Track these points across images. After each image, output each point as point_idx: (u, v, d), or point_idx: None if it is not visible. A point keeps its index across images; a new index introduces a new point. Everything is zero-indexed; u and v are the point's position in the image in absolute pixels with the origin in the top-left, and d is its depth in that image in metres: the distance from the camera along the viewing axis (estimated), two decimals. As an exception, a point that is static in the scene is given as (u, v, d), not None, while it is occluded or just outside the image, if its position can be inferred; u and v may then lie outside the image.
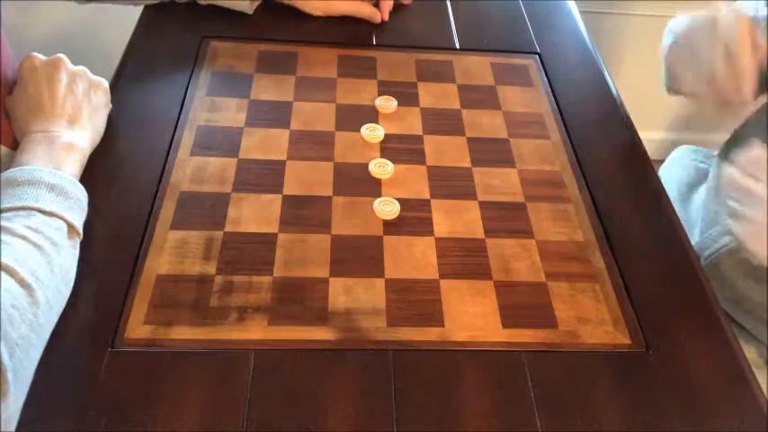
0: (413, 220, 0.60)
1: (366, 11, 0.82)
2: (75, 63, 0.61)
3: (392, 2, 0.83)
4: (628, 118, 0.75)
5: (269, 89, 0.72)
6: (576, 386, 0.49)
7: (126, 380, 0.46)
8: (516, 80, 0.77)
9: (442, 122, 0.71)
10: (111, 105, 0.64)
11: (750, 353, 0.70)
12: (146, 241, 0.55)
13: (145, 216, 0.57)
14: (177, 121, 0.66)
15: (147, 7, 0.80)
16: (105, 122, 0.63)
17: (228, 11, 0.81)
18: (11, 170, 0.49)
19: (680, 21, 0.66)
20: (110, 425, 0.44)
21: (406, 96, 0.73)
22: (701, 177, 0.85)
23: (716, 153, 0.81)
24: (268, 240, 0.56)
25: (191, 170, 0.62)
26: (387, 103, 0.71)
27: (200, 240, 0.56)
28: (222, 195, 0.60)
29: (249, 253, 0.55)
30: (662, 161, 0.96)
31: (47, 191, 0.48)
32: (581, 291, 0.56)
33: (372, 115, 0.70)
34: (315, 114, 0.69)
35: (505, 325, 0.52)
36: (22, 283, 0.42)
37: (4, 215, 0.46)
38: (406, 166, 0.65)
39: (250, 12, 0.81)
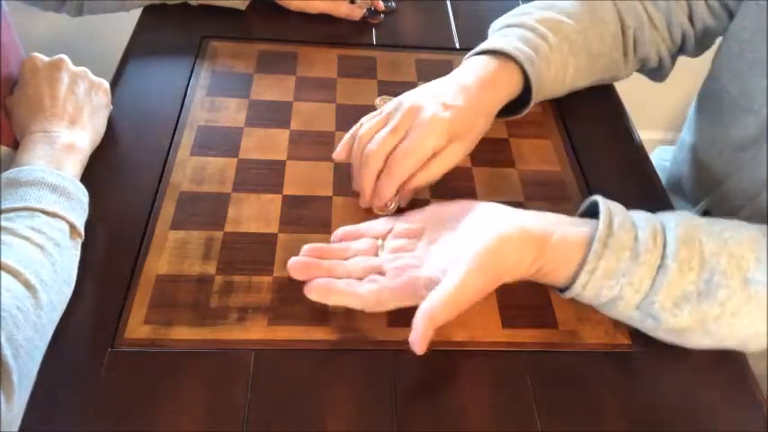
0: (413, 220, 0.60)
1: (343, 10, 0.82)
2: (75, 64, 0.61)
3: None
4: (628, 118, 0.75)
5: (269, 89, 0.72)
6: (576, 386, 0.49)
7: (126, 380, 0.46)
8: (516, 80, 0.77)
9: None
10: (111, 106, 0.64)
11: None
12: (146, 241, 0.55)
13: (145, 216, 0.57)
14: (177, 121, 0.66)
15: (146, 8, 0.80)
16: (105, 123, 0.63)
17: (226, 10, 0.81)
18: (12, 170, 0.49)
19: None
20: (110, 425, 0.44)
21: (406, 96, 0.73)
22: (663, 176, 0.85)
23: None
24: (268, 240, 0.56)
25: (191, 170, 0.62)
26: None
27: (201, 240, 0.56)
28: (222, 195, 0.60)
29: (249, 253, 0.55)
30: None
31: (49, 192, 0.48)
32: (581, 291, 0.55)
33: (372, 115, 0.70)
34: (315, 114, 0.69)
35: (505, 325, 0.52)
36: (26, 285, 0.42)
37: (5, 216, 0.46)
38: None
39: (243, 8, 0.81)
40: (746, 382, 0.51)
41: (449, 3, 0.89)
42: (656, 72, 0.75)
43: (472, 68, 0.63)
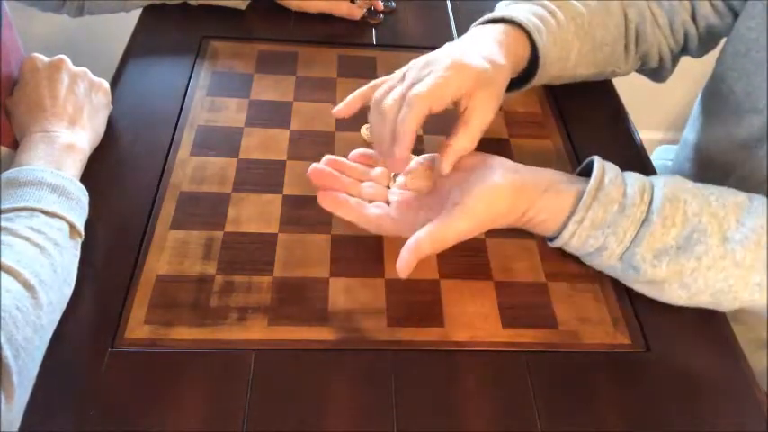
0: (413, 220, 0.59)
1: (343, 9, 0.82)
2: (75, 64, 0.61)
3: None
4: (628, 118, 0.75)
5: (269, 89, 0.72)
6: (576, 386, 0.49)
7: (126, 380, 0.46)
8: (516, 80, 0.77)
9: (442, 122, 0.70)
10: (111, 106, 0.64)
11: None
12: (146, 241, 0.55)
13: (145, 216, 0.57)
14: (177, 121, 0.66)
15: (146, 8, 0.80)
16: (105, 123, 0.63)
17: (226, 10, 0.81)
18: (11, 170, 0.49)
19: None
20: (110, 425, 0.44)
21: (406, 96, 0.73)
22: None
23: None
24: (268, 240, 0.56)
25: (191, 170, 0.62)
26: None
27: (201, 240, 0.56)
28: (222, 195, 0.60)
29: (249, 253, 0.55)
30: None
31: (49, 192, 0.48)
32: (581, 291, 0.56)
33: (372, 115, 0.70)
34: (315, 114, 0.69)
35: (505, 325, 0.52)
36: (26, 285, 0.42)
37: (5, 216, 0.46)
38: (406, 166, 0.65)
39: (243, 8, 0.81)
40: (746, 381, 0.51)
41: (449, 3, 0.89)
42: (657, 72, 0.75)
43: (484, 34, 0.61)
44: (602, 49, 0.68)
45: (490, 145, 0.68)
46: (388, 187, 0.57)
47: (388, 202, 0.56)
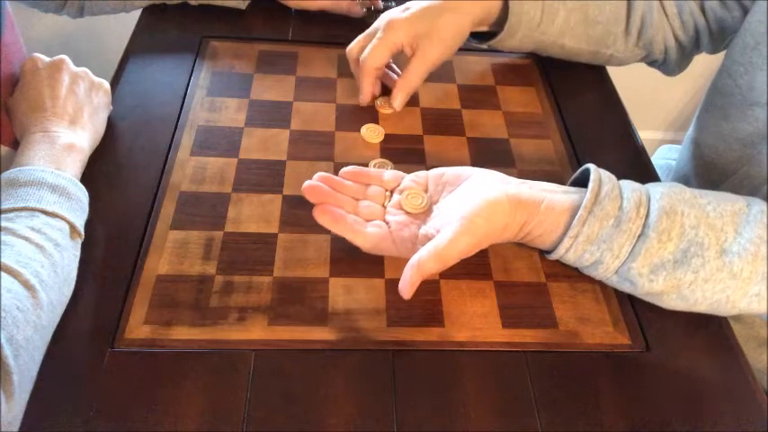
0: (413, 220, 0.60)
1: (344, 6, 0.82)
2: (75, 64, 0.61)
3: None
4: (628, 118, 0.75)
5: (269, 89, 0.72)
6: (576, 386, 0.49)
7: (126, 380, 0.46)
8: (516, 80, 0.77)
9: (442, 122, 0.71)
10: (111, 107, 0.64)
11: None
12: (146, 241, 0.55)
13: (145, 216, 0.57)
14: (177, 121, 0.66)
15: (146, 8, 0.81)
16: (105, 123, 0.63)
17: (226, 10, 0.81)
18: (12, 170, 0.49)
19: None
20: (110, 425, 0.44)
21: (406, 96, 0.73)
22: (670, 174, 0.85)
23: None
24: (268, 240, 0.56)
25: (191, 170, 0.62)
26: (387, 103, 0.71)
27: (200, 240, 0.56)
28: (222, 195, 0.60)
29: (249, 253, 0.55)
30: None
31: (49, 192, 0.48)
32: (581, 291, 0.56)
33: (372, 115, 0.70)
34: (315, 114, 0.69)
35: (505, 325, 0.52)
36: (26, 285, 0.42)
37: (5, 216, 0.46)
38: (406, 167, 0.65)
39: (243, 8, 0.81)
40: (746, 381, 0.51)
41: (449, 3, 0.89)
42: (665, 64, 0.75)
43: None
44: (595, 26, 0.68)
45: (490, 145, 0.68)
46: (383, 206, 0.56)
47: (385, 221, 0.55)
